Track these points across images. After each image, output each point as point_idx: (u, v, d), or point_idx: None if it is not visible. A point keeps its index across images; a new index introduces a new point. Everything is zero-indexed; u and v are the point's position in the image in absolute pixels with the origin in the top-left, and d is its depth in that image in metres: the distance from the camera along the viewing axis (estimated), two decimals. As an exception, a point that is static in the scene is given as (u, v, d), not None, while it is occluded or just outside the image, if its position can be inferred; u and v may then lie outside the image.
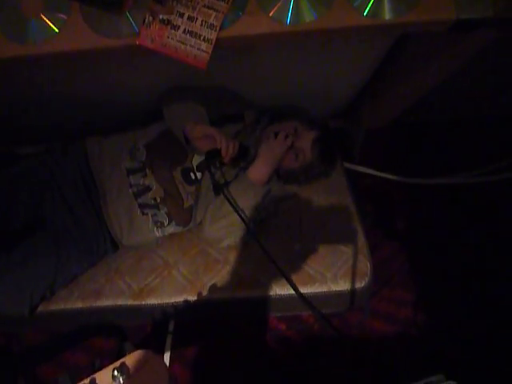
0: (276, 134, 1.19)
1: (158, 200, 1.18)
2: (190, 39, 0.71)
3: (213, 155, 1.09)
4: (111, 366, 0.40)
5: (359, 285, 1.11)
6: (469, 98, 1.51)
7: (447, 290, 1.30)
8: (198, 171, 1.21)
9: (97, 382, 0.39)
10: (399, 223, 1.48)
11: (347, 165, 1.52)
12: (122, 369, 0.40)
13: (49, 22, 0.74)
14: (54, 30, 0.74)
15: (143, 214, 1.18)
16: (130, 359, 0.42)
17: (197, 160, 1.21)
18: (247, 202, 1.12)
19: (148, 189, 1.18)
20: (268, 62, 1.13)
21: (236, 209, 1.02)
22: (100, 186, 1.20)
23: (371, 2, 0.71)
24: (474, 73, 1.21)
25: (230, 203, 1.03)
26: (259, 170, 1.17)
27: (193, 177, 1.21)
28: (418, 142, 1.69)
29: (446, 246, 1.39)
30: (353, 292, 1.11)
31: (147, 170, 1.19)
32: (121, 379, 0.39)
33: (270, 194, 1.18)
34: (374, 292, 1.22)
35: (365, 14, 0.71)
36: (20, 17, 0.74)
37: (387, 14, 0.70)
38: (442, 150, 1.66)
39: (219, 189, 1.13)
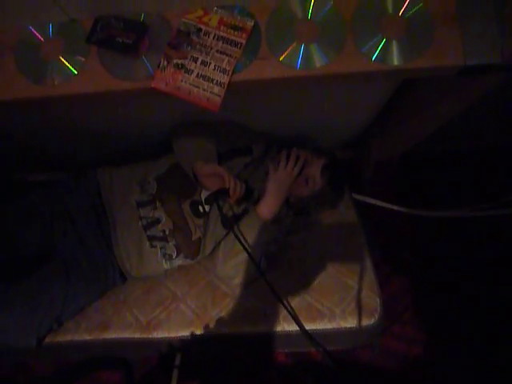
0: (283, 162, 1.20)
1: (167, 232, 1.19)
2: (203, 83, 0.73)
3: (221, 194, 1.10)
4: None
5: (368, 322, 1.09)
6: (480, 129, 1.52)
7: (459, 327, 1.27)
8: (206, 204, 1.22)
9: None
10: (408, 257, 1.46)
11: (356, 196, 1.52)
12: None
13: (68, 65, 0.76)
14: (72, 72, 0.76)
15: (152, 246, 1.19)
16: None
17: (205, 194, 1.22)
18: (257, 238, 1.12)
19: (157, 221, 1.19)
20: (277, 97, 1.16)
21: (245, 247, 1.02)
22: (110, 218, 1.22)
23: (379, 48, 0.72)
24: (486, 106, 1.22)
25: (240, 241, 1.03)
26: (268, 205, 1.16)
27: (201, 210, 1.21)
28: (428, 174, 1.68)
29: (457, 281, 1.36)
30: (362, 329, 1.09)
31: (157, 203, 1.20)
32: None
33: (280, 228, 1.19)
34: (384, 329, 1.19)
35: (373, 59, 0.72)
36: (40, 58, 0.77)
37: (395, 60, 0.72)
38: (452, 182, 1.66)
39: (228, 225, 1.13)
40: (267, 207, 1.15)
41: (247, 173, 1.28)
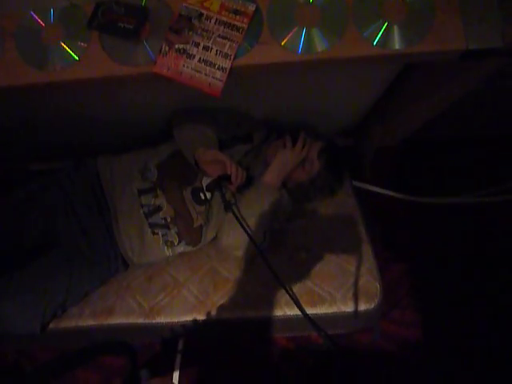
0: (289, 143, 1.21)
1: (169, 220, 1.20)
2: (205, 68, 0.73)
3: (222, 181, 1.11)
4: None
5: (369, 306, 1.11)
6: (481, 117, 1.52)
7: (458, 311, 1.29)
8: (208, 191, 1.22)
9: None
10: (408, 243, 1.47)
11: (356, 183, 1.53)
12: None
13: (69, 50, 0.76)
14: (73, 58, 0.76)
15: (154, 233, 1.20)
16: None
17: (206, 180, 1.22)
18: (261, 207, 1.14)
19: (159, 209, 1.20)
20: (277, 83, 1.15)
21: (245, 228, 1.03)
22: (112, 206, 1.22)
23: (381, 32, 0.72)
24: (487, 93, 1.22)
25: (240, 222, 1.04)
26: (273, 174, 1.18)
27: (202, 197, 1.22)
28: (429, 160, 1.69)
29: (456, 267, 1.38)
30: (362, 313, 1.11)
31: (158, 191, 1.21)
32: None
33: (281, 202, 1.20)
34: (384, 313, 1.21)
35: (374, 43, 0.72)
36: (41, 44, 0.77)
37: (397, 44, 0.72)
38: (452, 169, 1.66)
39: (230, 208, 1.14)
40: (272, 175, 1.18)
41: (248, 160, 1.29)
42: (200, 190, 1.22)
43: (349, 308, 1.11)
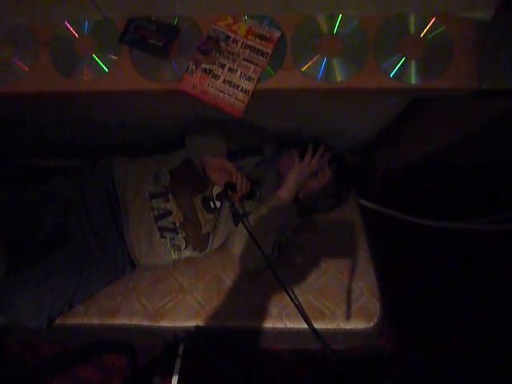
0: (301, 157, 1.24)
1: (177, 224, 1.23)
2: (228, 89, 0.76)
3: (230, 187, 1.15)
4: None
5: (367, 325, 1.13)
6: (491, 145, 1.54)
7: (457, 335, 1.31)
8: (218, 200, 1.25)
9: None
10: (411, 264, 1.50)
11: (362, 202, 1.55)
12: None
13: (100, 62, 0.80)
14: (103, 70, 0.80)
15: (162, 236, 1.23)
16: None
17: (217, 190, 1.26)
18: (274, 221, 1.17)
19: (169, 213, 1.23)
20: (290, 101, 1.18)
21: (255, 239, 1.05)
22: (123, 207, 1.26)
23: (398, 66, 0.76)
24: (497, 124, 1.25)
25: (250, 234, 1.06)
26: (289, 189, 1.21)
27: (212, 205, 1.25)
28: (436, 184, 1.71)
29: (457, 291, 1.40)
30: (361, 331, 1.13)
31: (169, 196, 1.24)
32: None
33: (293, 218, 1.23)
34: (382, 331, 1.23)
35: (391, 76, 0.75)
36: (73, 54, 0.81)
37: (413, 79, 0.75)
38: (459, 193, 1.69)
39: (239, 219, 1.17)
40: (287, 190, 1.21)
41: (258, 172, 1.32)
42: (210, 198, 1.26)
43: (348, 325, 1.13)
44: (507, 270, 1.47)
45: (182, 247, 1.24)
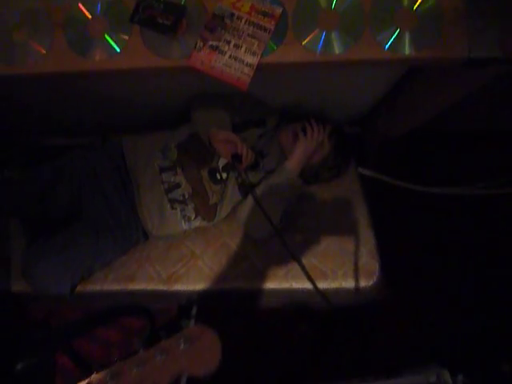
0: (304, 131, 1.29)
1: (186, 196, 1.30)
2: (234, 64, 0.82)
3: (236, 158, 1.21)
4: (180, 335, 0.53)
5: (367, 283, 1.22)
6: (482, 113, 1.59)
7: (449, 291, 1.40)
8: (224, 172, 1.32)
9: (167, 346, 0.52)
10: (408, 228, 1.57)
11: (361, 170, 1.62)
12: (186, 338, 0.52)
13: (112, 42, 0.85)
14: (115, 50, 0.85)
15: (172, 208, 1.30)
16: (192, 330, 0.54)
17: (223, 162, 1.32)
18: (283, 192, 1.25)
19: (178, 186, 1.30)
20: (291, 74, 1.23)
21: (262, 207, 1.12)
22: (134, 181, 1.32)
23: (393, 38, 0.81)
24: (487, 92, 1.30)
25: (259, 204, 1.13)
26: (298, 162, 1.28)
27: (218, 177, 1.31)
28: (432, 152, 1.77)
29: (453, 253, 1.49)
30: (362, 289, 1.22)
31: (178, 169, 1.30)
32: (185, 345, 0.51)
33: (297, 190, 1.30)
34: (381, 290, 1.32)
35: (386, 47, 0.81)
36: (86, 35, 0.85)
37: (407, 50, 0.80)
38: (454, 161, 1.75)
39: (246, 189, 1.24)
40: (296, 163, 1.27)
41: (261, 144, 1.38)
42: (217, 170, 1.32)
43: (349, 284, 1.22)
44: (499, 230, 1.55)
45: (192, 218, 1.31)
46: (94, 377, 0.51)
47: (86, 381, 0.50)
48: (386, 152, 1.62)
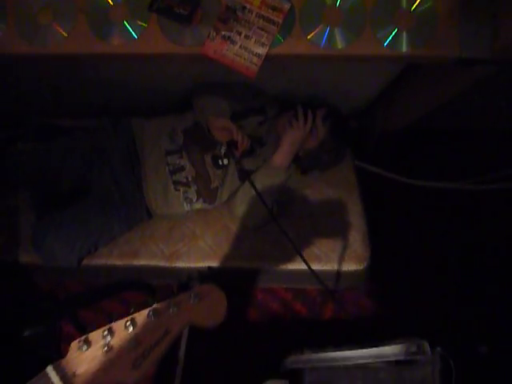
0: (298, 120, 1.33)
1: (190, 179, 1.36)
2: (244, 53, 0.88)
3: (231, 145, 1.28)
4: (191, 292, 0.60)
5: (359, 267, 1.30)
6: (479, 110, 1.66)
7: (436, 279, 1.48)
8: (225, 158, 1.38)
9: (179, 301, 0.59)
10: (400, 219, 1.65)
11: (358, 163, 1.68)
12: (196, 294, 0.59)
13: (130, 28, 0.91)
14: (133, 36, 0.91)
15: (176, 189, 1.36)
16: (201, 288, 0.61)
17: (225, 148, 1.37)
18: (271, 184, 1.30)
19: (182, 168, 1.36)
20: (295, 65, 1.28)
21: (259, 193, 1.19)
22: (142, 162, 1.38)
23: (391, 36, 0.87)
24: (485, 88, 1.37)
25: (255, 188, 1.19)
26: (283, 154, 1.33)
27: (220, 163, 1.38)
28: (427, 148, 1.84)
29: (439, 242, 1.57)
30: (353, 272, 1.30)
31: (183, 153, 1.37)
32: (195, 300, 0.59)
33: (284, 180, 1.35)
34: (371, 275, 1.40)
35: (385, 45, 0.87)
36: (107, 20, 0.91)
37: (404, 47, 0.87)
38: (448, 157, 1.82)
39: (243, 177, 1.30)
40: (282, 157, 1.32)
41: (261, 131, 1.43)
42: (219, 156, 1.38)
43: (341, 267, 1.30)
44: (486, 223, 1.63)
45: (194, 199, 1.38)
46: (114, 324, 0.58)
47: (107, 326, 0.57)
48: (382, 146, 1.69)
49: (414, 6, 0.86)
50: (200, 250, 1.35)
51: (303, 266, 1.25)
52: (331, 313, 1.40)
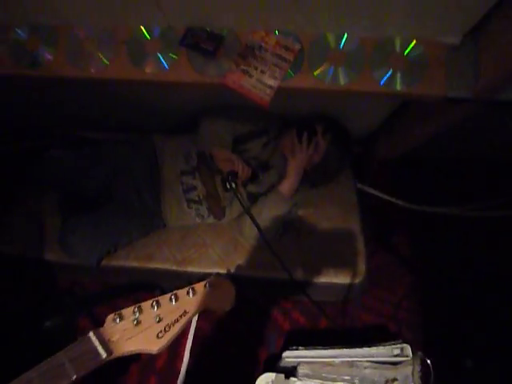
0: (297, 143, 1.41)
1: (201, 197, 1.47)
2: (259, 85, 1.02)
3: (232, 175, 1.32)
4: (206, 281, 0.72)
5: (355, 281, 1.41)
6: (471, 141, 1.79)
7: (426, 296, 1.59)
8: (232, 182, 1.35)
9: (195, 287, 0.72)
10: (396, 240, 1.76)
11: (360, 185, 1.81)
12: (211, 284, 0.72)
13: (162, 60, 1.06)
14: (164, 66, 1.06)
15: (189, 207, 1.48)
16: (214, 279, 0.74)
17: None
18: (278, 211, 1.40)
19: (194, 188, 1.48)
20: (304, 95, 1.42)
21: (259, 228, 1.24)
22: (161, 176, 1.52)
23: (387, 76, 1.02)
24: (475, 122, 1.49)
25: (254, 222, 1.23)
26: (290, 184, 1.42)
27: (228, 186, 1.37)
28: (424, 175, 1.96)
29: (431, 263, 1.67)
30: (349, 286, 1.41)
31: (196, 174, 1.48)
32: (209, 288, 0.71)
33: (294, 205, 1.47)
34: (366, 290, 1.50)
35: (381, 83, 1.01)
36: (144, 52, 1.07)
37: (398, 86, 1.01)
38: (442, 184, 1.94)
39: (244, 206, 1.30)
40: (289, 186, 1.42)
41: (266, 153, 1.53)
42: (226, 179, 1.36)
43: (339, 280, 1.41)
44: (478, 248, 1.74)
45: (205, 216, 1.51)
46: (143, 304, 0.70)
47: (137, 305, 0.70)
48: (382, 171, 1.82)
49: (407, 51, 1.00)
50: (209, 257, 1.47)
51: (303, 278, 1.38)
52: (327, 320, 1.51)
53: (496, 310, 1.52)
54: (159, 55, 1.06)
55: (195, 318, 1.37)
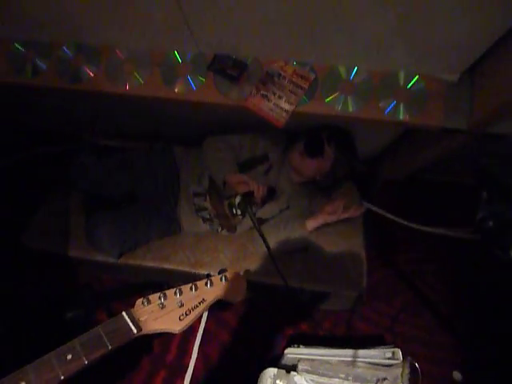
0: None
1: (213, 216, 1.60)
2: (276, 109, 1.15)
3: (248, 196, 1.41)
4: (222, 275, 0.84)
5: (355, 293, 1.51)
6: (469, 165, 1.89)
7: (421, 311, 1.68)
8: (239, 208, 1.42)
9: (213, 279, 0.83)
10: (397, 257, 1.86)
11: (365, 203, 1.91)
12: (225, 277, 0.84)
13: (191, 81, 1.20)
14: (192, 87, 1.20)
15: (204, 222, 1.62)
16: (229, 273, 0.86)
17: (238, 199, 1.41)
18: (296, 240, 1.52)
19: (205, 208, 1.60)
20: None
21: (268, 245, 1.33)
22: (181, 187, 1.64)
23: (391, 106, 1.14)
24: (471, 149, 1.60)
25: (268, 247, 1.33)
26: (317, 225, 1.51)
27: (234, 211, 1.44)
28: (428, 195, 2.06)
29: (429, 280, 1.76)
30: (349, 296, 1.51)
31: (207, 196, 1.59)
32: (224, 281, 0.83)
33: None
34: (366, 302, 1.60)
35: (386, 113, 1.13)
36: (175, 74, 1.21)
37: (401, 116, 1.13)
38: (446, 206, 2.03)
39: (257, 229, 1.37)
40: (315, 225, 1.51)
41: (269, 179, 1.61)
42: (233, 205, 1.43)
43: (340, 290, 1.51)
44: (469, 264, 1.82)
45: (219, 230, 1.64)
46: (167, 291, 0.82)
47: (163, 292, 0.82)
48: (386, 190, 1.92)
49: (410, 84, 1.12)
50: (220, 261, 1.58)
51: (306, 284, 1.48)
52: (327, 327, 1.60)
53: (490, 324, 1.60)
54: (189, 77, 1.20)
55: (204, 320, 1.49)
